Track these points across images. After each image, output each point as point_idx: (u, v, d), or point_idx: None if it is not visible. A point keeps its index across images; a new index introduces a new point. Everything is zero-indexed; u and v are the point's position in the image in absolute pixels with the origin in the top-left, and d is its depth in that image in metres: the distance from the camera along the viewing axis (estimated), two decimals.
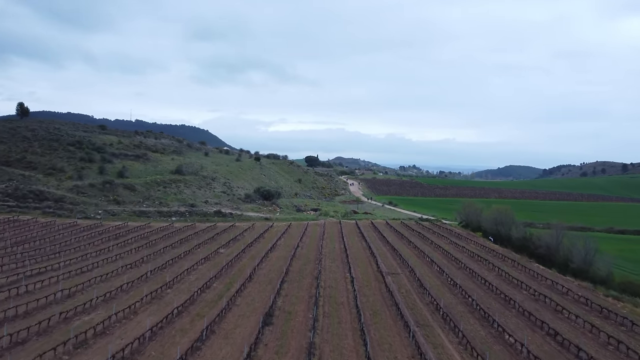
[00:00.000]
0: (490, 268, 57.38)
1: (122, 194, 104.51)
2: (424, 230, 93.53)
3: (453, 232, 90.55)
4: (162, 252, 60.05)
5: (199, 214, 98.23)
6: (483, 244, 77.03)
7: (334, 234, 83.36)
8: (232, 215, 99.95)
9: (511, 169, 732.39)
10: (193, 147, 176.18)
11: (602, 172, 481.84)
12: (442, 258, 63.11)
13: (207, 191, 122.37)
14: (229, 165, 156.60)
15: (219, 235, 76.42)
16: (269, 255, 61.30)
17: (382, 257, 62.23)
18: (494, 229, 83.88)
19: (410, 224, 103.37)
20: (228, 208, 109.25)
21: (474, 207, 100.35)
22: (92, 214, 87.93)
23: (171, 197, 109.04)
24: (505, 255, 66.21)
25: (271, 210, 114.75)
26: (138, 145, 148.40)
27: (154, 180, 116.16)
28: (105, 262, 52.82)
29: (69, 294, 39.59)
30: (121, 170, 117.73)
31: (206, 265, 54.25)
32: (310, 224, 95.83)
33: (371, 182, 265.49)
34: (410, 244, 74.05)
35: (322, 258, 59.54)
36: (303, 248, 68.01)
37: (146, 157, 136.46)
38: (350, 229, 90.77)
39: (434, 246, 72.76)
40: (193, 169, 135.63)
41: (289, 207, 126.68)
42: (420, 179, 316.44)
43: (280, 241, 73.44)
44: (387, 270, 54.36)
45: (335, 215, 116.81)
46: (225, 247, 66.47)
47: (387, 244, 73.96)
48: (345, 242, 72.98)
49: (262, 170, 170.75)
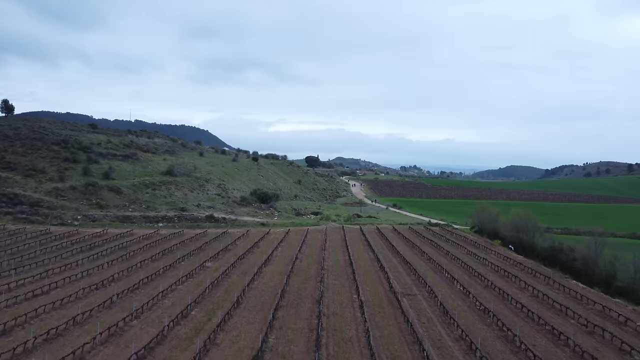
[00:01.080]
0: (522, 287, 49.01)
1: (106, 197, 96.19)
2: (435, 237, 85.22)
3: (468, 240, 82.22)
4: (138, 267, 51.75)
5: (189, 219, 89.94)
6: (504, 254, 68.70)
7: (337, 243, 75.07)
8: (225, 221, 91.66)
9: (513, 169, 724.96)
10: (187, 147, 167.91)
11: (606, 172, 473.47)
12: (462, 273, 54.76)
13: (199, 194, 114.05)
14: (224, 166, 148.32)
15: (208, 245, 68.10)
16: (263, 271, 53.01)
17: (394, 272, 53.92)
18: (515, 237, 75.56)
19: (419, 229, 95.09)
20: (222, 212, 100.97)
21: (488, 212, 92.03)
22: (69, 220, 79.62)
23: (160, 201, 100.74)
24: (534, 269, 57.84)
25: (268, 215, 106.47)
26: (128, 145, 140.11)
27: (142, 182, 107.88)
28: (68, 281, 44.52)
29: (4, 329, 31.28)
30: (107, 171, 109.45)
31: (188, 284, 45.93)
32: (310, 230, 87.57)
33: (373, 183, 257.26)
34: (423, 255, 65.72)
35: (324, 274, 51.26)
36: (302, 260, 59.71)
37: (136, 157, 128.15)
38: (354, 236, 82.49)
39: (451, 257, 64.43)
40: (186, 169, 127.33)
41: (287, 211, 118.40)
42: (424, 179, 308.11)
43: (277, 252, 65.16)
44: (402, 290, 46.04)
45: (338, 219, 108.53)
46: (213, 259, 58.13)
47: (397, 254, 65.65)
48: (350, 252, 64.69)
49: (259, 171, 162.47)
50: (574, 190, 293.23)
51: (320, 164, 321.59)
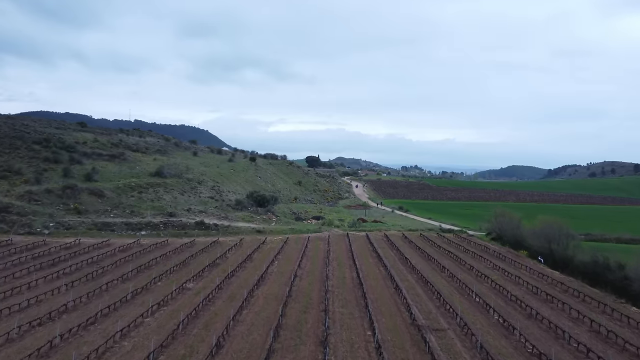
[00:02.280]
0: (575, 317, 39.80)
1: (85, 201, 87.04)
2: (452, 246, 76.06)
3: (489, 250, 73.05)
4: (102, 291, 42.63)
5: (176, 226, 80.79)
6: (535, 268, 59.50)
7: (342, 254, 65.90)
8: (217, 228, 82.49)
9: (514, 169, 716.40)
10: (181, 146, 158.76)
11: (611, 172, 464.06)
12: (495, 297, 45.59)
13: (191, 197, 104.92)
14: (219, 167, 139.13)
15: (194, 258, 58.95)
16: (255, 294, 43.89)
17: (412, 295, 44.79)
18: (544, 247, 66.42)
19: (432, 236, 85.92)
20: (214, 218, 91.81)
21: (509, 217, 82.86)
22: (38, 228, 70.48)
23: (146, 205, 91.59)
24: (579, 290, 48.60)
25: (265, 220, 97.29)
26: (116, 144, 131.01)
27: (128, 185, 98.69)
28: (7, 313, 35.38)
29: None
30: (89, 172, 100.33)
31: (158, 316, 36.76)
32: (311, 238, 78.42)
33: (376, 183, 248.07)
34: (443, 271, 56.52)
35: (329, 298, 42.13)
36: (302, 279, 50.56)
37: (123, 157, 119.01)
38: (361, 246, 73.36)
39: (476, 274, 55.24)
40: (177, 170, 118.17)
41: (286, 215, 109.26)
42: (428, 180, 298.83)
43: (273, 266, 56.03)
44: (426, 323, 36.89)
45: (341, 225, 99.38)
46: (196, 278, 48.97)
47: (412, 269, 56.47)
48: (357, 267, 55.54)
49: (257, 171, 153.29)
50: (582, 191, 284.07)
51: (321, 164, 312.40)
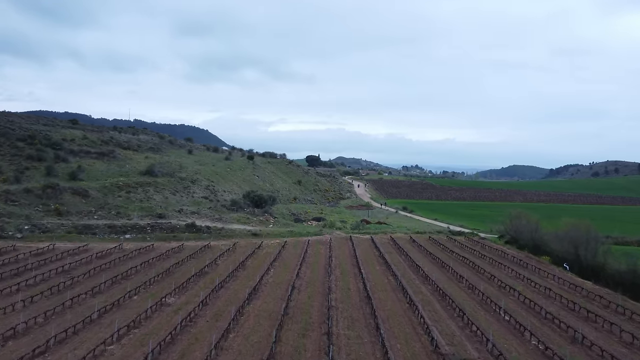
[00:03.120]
0: (629, 342, 33.32)
1: (68, 201, 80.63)
2: (465, 250, 69.66)
3: (506, 255, 66.60)
4: (64, 309, 36.20)
5: (165, 229, 74.40)
6: (563, 277, 53.03)
7: (346, 260, 59.47)
8: (209, 230, 76.11)
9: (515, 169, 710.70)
10: (176, 144, 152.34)
11: (615, 172, 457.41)
12: (527, 314, 39.10)
13: (183, 197, 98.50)
14: (215, 165, 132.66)
15: (180, 266, 52.53)
16: (245, 311, 37.47)
17: (430, 312, 38.35)
18: (571, 253, 59.98)
19: (441, 239, 79.51)
20: (207, 219, 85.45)
21: (527, 219, 76.38)
22: (11, 231, 64.06)
23: (134, 206, 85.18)
24: (625, 306, 41.99)
25: (262, 221, 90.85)
26: (106, 142, 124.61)
27: (115, 184, 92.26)
28: None
29: None
30: (75, 171, 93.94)
31: (126, 342, 30.31)
32: (311, 242, 72.02)
33: (378, 183, 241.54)
34: (460, 281, 50.05)
35: (332, 316, 35.71)
36: (301, 291, 44.12)
37: (113, 154, 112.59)
38: (366, 250, 66.94)
39: (498, 284, 48.79)
40: (170, 169, 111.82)
41: (285, 216, 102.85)
42: (431, 179, 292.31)
43: (269, 276, 49.61)
44: (451, 350, 30.46)
45: (343, 227, 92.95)
46: (179, 291, 42.54)
47: (425, 279, 50.04)
48: (363, 276, 49.15)
49: (255, 170, 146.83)
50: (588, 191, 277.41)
51: (321, 163, 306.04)
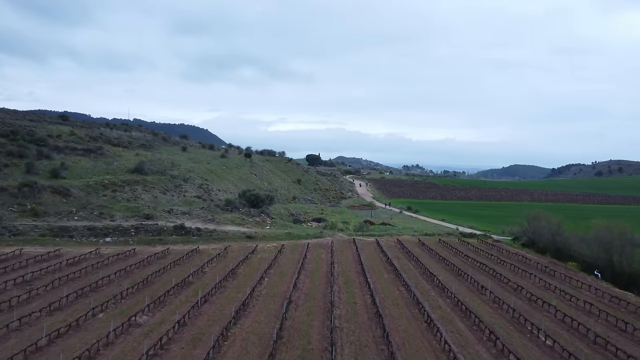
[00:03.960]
0: None
1: (47, 201, 74.17)
2: (481, 255, 63.14)
3: (528, 261, 60.07)
4: (8, 332, 29.65)
5: (151, 231, 67.88)
6: (600, 287, 46.49)
7: (350, 267, 52.94)
8: (200, 232, 69.59)
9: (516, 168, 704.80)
10: (169, 141, 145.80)
11: (619, 171, 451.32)
12: (571, 337, 32.60)
13: (174, 196, 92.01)
14: (210, 163, 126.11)
15: (160, 275, 46.01)
16: (230, 334, 30.97)
17: (454, 336, 31.86)
18: (602, 259, 53.50)
19: (452, 242, 73.00)
20: (199, 220, 79.00)
21: (547, 221, 69.89)
22: None
23: (119, 206, 78.74)
24: None
25: (258, 223, 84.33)
26: (95, 138, 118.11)
27: (100, 182, 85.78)
28: None
29: None
30: (57, 168, 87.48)
31: None
32: (311, 246, 65.51)
33: (380, 182, 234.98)
34: (482, 292, 43.49)
35: (336, 341, 29.24)
36: (299, 306, 37.59)
37: (100, 151, 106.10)
38: (371, 255, 60.43)
39: (527, 296, 42.23)
40: (161, 166, 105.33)
41: (283, 217, 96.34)
42: (434, 179, 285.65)
43: (262, 286, 43.09)
44: None
45: (346, 228, 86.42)
46: (155, 307, 35.99)
47: (442, 290, 43.50)
48: (371, 287, 42.65)
49: (252, 169, 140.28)
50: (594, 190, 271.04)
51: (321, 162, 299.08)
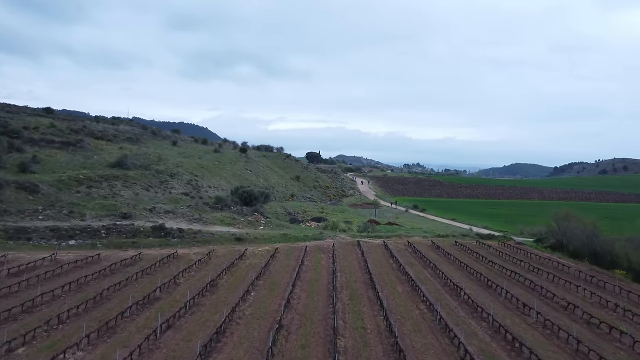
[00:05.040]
0: None
1: (9, 198, 65.25)
2: (507, 260, 54.27)
3: (562, 267, 51.15)
4: None
5: (125, 232, 58.92)
6: None
7: (355, 277, 44.01)
8: (182, 233, 60.67)
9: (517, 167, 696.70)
10: (159, 135, 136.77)
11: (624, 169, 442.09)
12: None
13: (158, 193, 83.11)
14: (201, 158, 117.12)
15: (120, 289, 37.08)
16: None
17: None
18: None
19: (470, 244, 64.11)
20: (183, 220, 70.15)
21: (578, 221, 60.99)
22: None
23: (94, 203, 69.82)
24: None
25: (251, 222, 75.39)
26: (77, 131, 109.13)
27: (74, 177, 76.86)
28: None
29: None
30: (27, 161, 78.68)
31: None
32: (310, 249, 56.63)
33: (382, 180, 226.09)
34: (526, 311, 34.56)
35: None
36: (292, 333, 28.65)
37: (80, 144, 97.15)
38: (379, 260, 51.54)
39: (585, 318, 33.35)
40: (146, 161, 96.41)
41: (279, 216, 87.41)
42: (438, 176, 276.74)
43: (246, 303, 34.18)
44: None
45: (348, 229, 77.53)
46: (99, 337, 27.03)
47: (473, 309, 34.58)
48: (384, 304, 33.75)
49: (247, 164, 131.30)
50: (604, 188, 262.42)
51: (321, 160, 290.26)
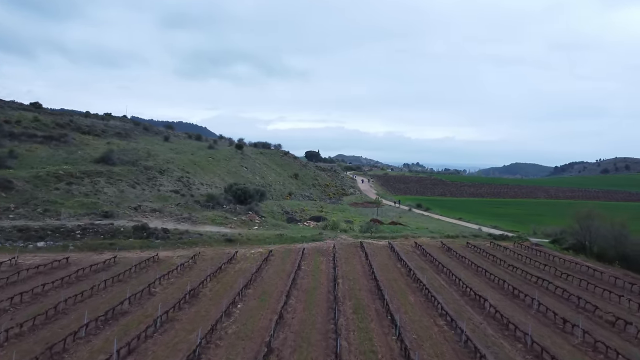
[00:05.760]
0: None
1: None
2: (527, 264, 48.60)
3: (593, 273, 45.44)
4: None
5: (103, 233, 53.17)
6: None
7: (360, 285, 38.27)
8: (166, 234, 54.91)
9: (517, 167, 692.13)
10: (151, 131, 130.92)
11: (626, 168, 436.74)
12: None
13: (146, 190, 77.39)
14: (194, 154, 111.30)
15: (83, 301, 31.32)
16: None
17: None
18: None
19: (484, 246, 58.40)
20: (171, 219, 64.45)
21: (606, 221, 55.26)
22: None
23: (73, 201, 64.09)
24: None
25: (244, 222, 69.61)
26: (62, 125, 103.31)
27: (54, 173, 71.10)
28: None
29: None
30: (4, 157, 72.98)
31: None
32: (308, 251, 50.92)
33: (383, 178, 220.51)
34: (563, 328, 28.86)
35: None
36: (283, 359, 22.93)
37: (64, 139, 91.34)
38: (386, 265, 45.83)
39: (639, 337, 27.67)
40: (134, 156, 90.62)
41: (275, 215, 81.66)
42: (440, 175, 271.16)
43: (230, 320, 28.42)
44: None
45: (350, 229, 71.77)
46: None
47: (503, 326, 28.90)
48: (396, 321, 28.04)
49: (243, 161, 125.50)
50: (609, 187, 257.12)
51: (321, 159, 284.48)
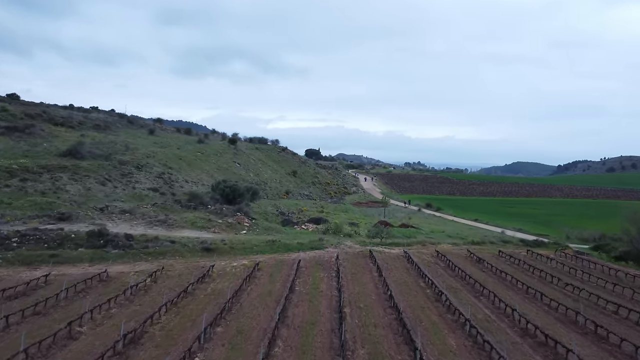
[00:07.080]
0: None
1: None
2: (583, 281, 37.89)
3: None
4: None
5: (48, 241, 42.40)
6: None
7: (375, 316, 27.40)
8: (129, 241, 44.11)
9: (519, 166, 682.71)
10: (136, 124, 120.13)
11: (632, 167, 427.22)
12: None
13: (118, 187, 66.68)
14: (180, 148, 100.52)
15: None
16: None
17: None
18: None
19: (521, 255, 47.65)
20: (142, 222, 53.75)
21: None
22: None
23: (25, 200, 53.51)
24: None
25: (231, 225, 58.74)
26: (33, 116, 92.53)
27: (6, 168, 60.40)
28: None
29: None
30: None
31: None
32: (305, 264, 40.06)
33: (387, 177, 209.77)
34: None
35: None
36: None
37: (30, 130, 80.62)
38: (405, 283, 35.04)
39: None
40: (108, 150, 79.88)
41: (269, 216, 70.85)
42: (447, 174, 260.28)
43: None
44: None
45: (355, 233, 60.86)
46: None
47: None
48: None
49: (236, 157, 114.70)
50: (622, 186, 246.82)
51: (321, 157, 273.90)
